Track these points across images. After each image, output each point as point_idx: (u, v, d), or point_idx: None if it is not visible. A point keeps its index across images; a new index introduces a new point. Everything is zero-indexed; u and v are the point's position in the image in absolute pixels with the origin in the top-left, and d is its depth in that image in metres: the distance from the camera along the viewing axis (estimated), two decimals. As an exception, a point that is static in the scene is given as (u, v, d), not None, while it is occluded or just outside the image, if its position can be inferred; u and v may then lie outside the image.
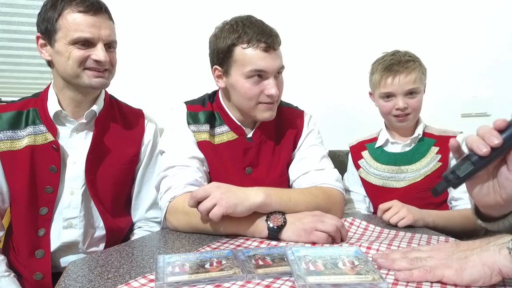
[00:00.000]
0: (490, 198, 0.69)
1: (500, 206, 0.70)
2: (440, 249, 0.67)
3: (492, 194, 0.68)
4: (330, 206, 0.97)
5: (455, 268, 0.60)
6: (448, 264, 0.61)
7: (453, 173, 0.67)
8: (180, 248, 0.84)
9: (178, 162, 1.02)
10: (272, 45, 1.00)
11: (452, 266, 0.60)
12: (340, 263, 0.67)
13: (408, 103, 1.23)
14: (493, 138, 0.63)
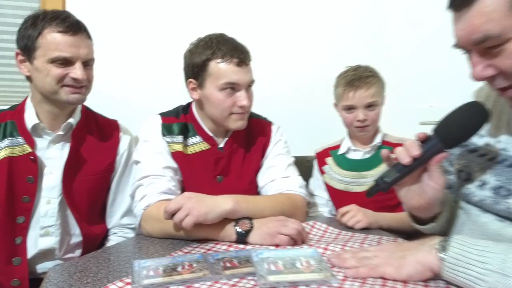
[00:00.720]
0: (415, 201, 0.81)
1: (424, 208, 0.82)
2: (384, 249, 0.77)
3: (416, 198, 0.80)
4: (293, 211, 1.06)
5: (395, 266, 0.70)
6: (389, 263, 0.71)
7: (382, 179, 0.78)
8: (154, 253, 0.90)
9: (152, 172, 1.08)
10: (244, 61, 1.09)
11: (393, 264, 0.70)
12: (298, 263, 0.76)
13: (368, 115, 1.34)
14: (414, 150, 0.74)
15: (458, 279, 0.64)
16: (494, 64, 0.69)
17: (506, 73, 0.69)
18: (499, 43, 0.66)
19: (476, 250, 0.64)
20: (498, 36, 0.65)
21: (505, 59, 0.67)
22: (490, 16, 0.65)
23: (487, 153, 0.82)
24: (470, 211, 0.83)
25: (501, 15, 0.64)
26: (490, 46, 0.67)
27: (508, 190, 0.75)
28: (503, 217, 0.75)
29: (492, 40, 0.66)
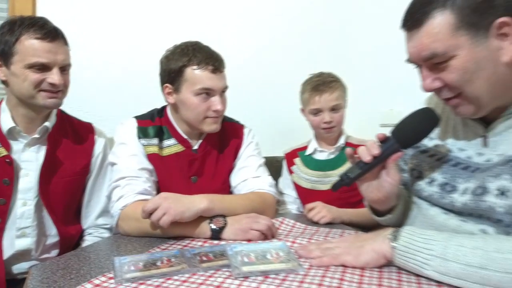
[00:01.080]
0: (374, 195, 0.91)
1: (381, 201, 0.93)
2: (345, 240, 0.86)
3: (375, 192, 0.91)
4: (264, 208, 1.14)
5: (353, 255, 0.79)
6: (349, 252, 0.80)
7: (346, 174, 0.88)
8: (133, 250, 0.95)
9: (129, 173, 1.13)
10: (218, 68, 1.16)
11: (352, 253, 0.79)
12: (268, 255, 0.84)
13: (333, 117, 1.44)
14: (374, 149, 0.84)
15: (408, 265, 0.74)
16: (440, 77, 0.79)
17: (450, 86, 0.79)
18: (444, 59, 0.76)
19: (422, 239, 0.74)
20: (443, 53, 0.75)
21: (450, 73, 0.77)
22: (436, 37, 0.75)
23: (436, 154, 0.93)
24: (421, 205, 0.94)
25: (445, 36, 0.74)
26: (437, 62, 0.77)
27: (452, 186, 0.86)
28: (448, 210, 0.86)
29: (438, 57, 0.76)
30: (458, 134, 0.90)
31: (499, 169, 0.76)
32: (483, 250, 0.69)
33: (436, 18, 0.74)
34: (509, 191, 0.74)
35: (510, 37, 0.73)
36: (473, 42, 0.74)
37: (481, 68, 0.75)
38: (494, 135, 0.82)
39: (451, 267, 0.69)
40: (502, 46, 0.74)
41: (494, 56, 0.74)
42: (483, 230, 0.78)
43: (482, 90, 0.76)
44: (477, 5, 0.72)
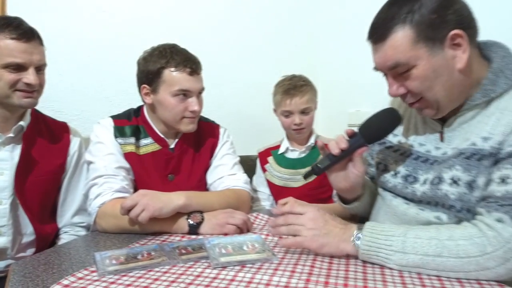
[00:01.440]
0: (342, 184, 1.00)
1: (348, 190, 1.02)
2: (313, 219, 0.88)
3: (343, 182, 0.99)
4: (239, 204, 1.19)
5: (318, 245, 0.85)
6: (314, 239, 0.86)
7: (317, 165, 0.95)
8: (112, 246, 0.98)
9: (106, 172, 1.15)
10: (195, 70, 1.20)
11: (317, 241, 0.86)
12: (244, 246, 0.89)
13: (303, 119, 1.51)
14: (342, 143, 0.92)
15: (372, 260, 0.82)
16: (404, 85, 0.88)
17: (413, 93, 0.88)
18: (406, 69, 0.85)
19: (383, 236, 0.82)
20: (405, 64, 0.84)
21: (412, 81, 0.86)
22: (398, 49, 0.83)
23: (400, 149, 1.02)
24: (386, 196, 1.02)
25: (406, 48, 0.83)
26: (400, 71, 0.86)
27: (414, 177, 0.95)
28: (409, 199, 0.95)
29: (401, 66, 0.85)
30: (418, 131, 1.00)
31: (452, 161, 0.86)
32: (438, 239, 0.77)
33: (398, 33, 0.83)
34: (460, 180, 0.83)
35: (462, 47, 0.82)
36: (431, 53, 0.82)
37: (439, 76, 0.84)
38: (449, 131, 0.92)
39: (411, 259, 0.77)
40: (456, 55, 0.83)
41: (450, 64, 0.83)
42: (437, 217, 0.87)
43: (440, 94, 0.86)
44: (432, 21, 0.81)
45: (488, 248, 0.73)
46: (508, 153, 0.78)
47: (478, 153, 0.82)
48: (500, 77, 0.84)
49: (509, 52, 0.87)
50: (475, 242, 0.74)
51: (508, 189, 0.76)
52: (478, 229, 0.76)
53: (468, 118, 0.88)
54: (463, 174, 0.83)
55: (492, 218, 0.76)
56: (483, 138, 0.82)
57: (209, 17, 2.05)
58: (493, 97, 0.84)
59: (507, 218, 0.74)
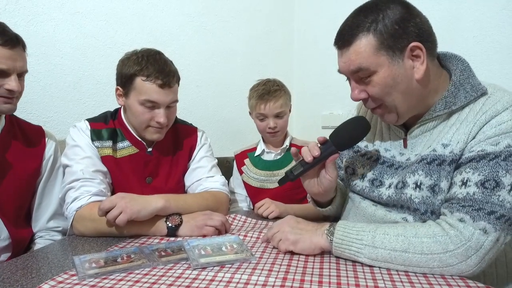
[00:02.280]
0: (315, 189, 1.04)
1: (321, 194, 1.06)
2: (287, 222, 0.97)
3: (316, 186, 1.04)
4: (217, 206, 1.22)
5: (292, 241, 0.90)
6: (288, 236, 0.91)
7: (291, 172, 0.99)
8: (90, 250, 0.98)
9: (83, 175, 1.14)
10: (168, 83, 1.18)
11: (290, 238, 0.91)
12: (223, 247, 0.92)
13: (277, 123, 1.55)
14: (315, 151, 0.97)
15: (344, 254, 0.87)
16: (365, 90, 0.93)
17: (373, 98, 0.94)
18: (368, 74, 0.90)
19: (354, 231, 0.87)
20: (367, 69, 0.90)
21: (372, 87, 0.92)
22: (362, 55, 0.89)
23: (367, 154, 1.08)
24: (355, 198, 1.08)
25: (368, 55, 0.88)
26: (362, 76, 0.92)
27: (380, 181, 1.00)
28: (376, 202, 1.01)
29: (363, 71, 0.90)
30: (384, 137, 1.06)
31: (415, 166, 0.92)
32: (404, 236, 0.83)
33: (362, 40, 0.88)
34: (423, 184, 0.89)
35: (421, 59, 0.88)
36: (391, 62, 0.88)
37: (398, 83, 0.90)
38: (412, 138, 0.98)
39: (380, 253, 0.82)
40: (415, 66, 0.89)
41: (409, 73, 0.89)
42: (404, 218, 0.93)
43: (399, 101, 0.92)
44: (394, 31, 0.87)
45: (450, 246, 0.79)
46: (467, 158, 0.84)
47: (439, 159, 0.88)
48: (460, 91, 0.90)
49: (468, 66, 0.94)
50: (438, 240, 0.80)
51: (468, 191, 0.82)
52: (441, 228, 0.82)
53: (430, 127, 0.94)
54: (426, 179, 0.89)
55: (454, 218, 0.81)
56: (443, 144, 0.89)
57: (187, 18, 2.06)
58: (454, 109, 0.91)
59: (468, 218, 0.80)
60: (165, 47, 1.90)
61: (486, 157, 0.82)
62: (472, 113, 0.88)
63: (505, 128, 0.82)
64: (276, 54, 2.35)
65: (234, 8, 2.19)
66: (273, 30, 2.34)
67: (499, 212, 0.78)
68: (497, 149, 0.81)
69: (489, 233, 0.78)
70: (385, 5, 0.88)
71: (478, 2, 1.55)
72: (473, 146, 0.85)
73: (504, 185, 0.79)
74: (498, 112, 0.84)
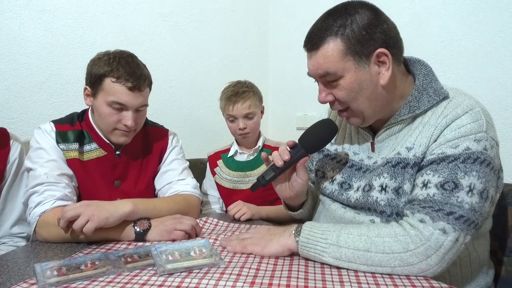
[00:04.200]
0: (287, 193, 1.05)
1: (293, 198, 1.07)
2: (259, 231, 0.98)
3: (288, 190, 1.04)
4: (188, 209, 1.20)
5: (261, 246, 0.91)
6: (258, 243, 0.91)
7: (262, 177, 0.99)
8: (54, 256, 0.95)
9: (47, 179, 1.10)
10: (138, 86, 1.15)
11: (260, 244, 0.91)
12: (192, 252, 0.90)
13: (247, 124, 1.55)
14: (284, 155, 0.97)
15: (310, 254, 0.87)
16: (332, 93, 0.94)
17: (340, 101, 0.95)
18: (335, 78, 0.91)
19: (320, 231, 0.87)
20: (334, 73, 0.91)
21: (339, 91, 0.93)
22: (329, 59, 0.90)
23: (336, 157, 1.09)
24: (325, 201, 1.09)
25: (335, 59, 0.89)
26: (330, 80, 0.93)
27: (348, 184, 1.01)
28: (345, 204, 1.02)
29: (330, 75, 0.91)
30: (352, 141, 1.07)
31: (381, 169, 0.93)
32: (367, 236, 0.84)
33: (329, 44, 0.89)
34: (388, 187, 0.91)
35: (386, 65, 0.90)
36: (358, 67, 0.89)
37: (364, 88, 0.91)
38: (379, 141, 0.99)
39: (343, 252, 0.83)
40: (380, 72, 0.91)
41: (374, 79, 0.91)
42: (372, 220, 0.95)
43: (364, 105, 0.93)
44: (360, 37, 0.88)
45: (410, 246, 0.80)
46: (428, 160, 0.87)
47: (403, 162, 0.90)
48: (423, 95, 0.93)
49: (431, 70, 0.96)
50: (399, 239, 0.81)
51: (429, 192, 0.84)
52: (402, 228, 0.83)
53: (396, 131, 0.96)
54: (391, 181, 0.90)
55: (415, 219, 0.83)
56: (407, 148, 0.91)
57: (160, 18, 2.03)
58: (417, 113, 0.93)
59: (427, 218, 0.81)
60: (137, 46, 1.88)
61: (446, 160, 0.84)
62: (434, 116, 0.90)
63: (464, 132, 0.84)
64: (251, 55, 2.35)
65: (209, 8, 2.17)
66: (248, 30, 2.33)
67: (458, 212, 0.80)
68: (456, 152, 0.84)
69: (448, 233, 0.79)
70: (354, 10, 0.89)
71: (446, 7, 1.59)
72: (434, 149, 0.87)
73: (462, 187, 0.81)
74: (458, 115, 0.86)
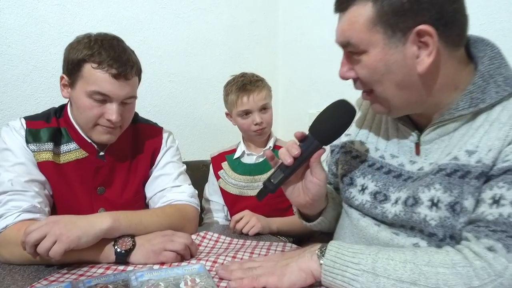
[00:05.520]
0: (301, 198, 0.83)
1: (309, 204, 0.85)
2: (269, 259, 0.77)
3: (302, 195, 0.83)
4: (183, 223, 1.00)
5: (277, 275, 0.70)
6: (272, 272, 0.71)
7: (269, 180, 0.78)
8: (11, 284, 0.76)
9: (12, 187, 0.91)
10: (124, 74, 0.97)
11: (275, 273, 0.70)
12: (182, 283, 0.70)
13: (263, 117, 1.35)
14: (294, 150, 0.76)
15: (336, 283, 0.67)
16: (354, 69, 0.75)
17: (361, 80, 0.75)
18: (357, 51, 0.72)
19: (350, 253, 0.67)
20: (356, 45, 0.71)
21: (361, 68, 0.73)
22: (353, 26, 0.71)
23: (368, 160, 0.87)
24: (352, 215, 0.87)
25: (361, 28, 0.70)
26: (352, 51, 0.73)
27: (384, 195, 0.80)
28: (380, 221, 0.81)
29: (352, 47, 0.72)
30: (389, 140, 0.86)
31: (430, 178, 0.72)
32: (414, 264, 0.64)
33: (358, 7, 0.70)
34: (441, 202, 0.70)
35: (430, 48, 0.68)
36: (388, 43, 0.69)
37: (392, 72, 0.71)
38: (426, 142, 0.78)
39: (381, 283, 0.64)
40: (419, 55, 0.69)
41: (409, 63, 0.70)
42: (416, 244, 0.73)
43: (391, 93, 0.73)
44: (399, 6, 0.67)
45: (474, 281, 0.60)
46: (501, 169, 0.65)
47: (462, 170, 0.69)
48: (490, 84, 0.71)
49: (499, 52, 0.74)
50: (458, 272, 0.62)
51: (502, 211, 0.63)
52: (463, 257, 0.63)
53: (450, 130, 0.75)
54: (444, 195, 0.69)
55: (481, 246, 0.63)
56: (467, 151, 0.69)
57: (158, 5, 1.84)
58: (481, 108, 0.71)
59: (500, 246, 0.61)
60: (132, 36, 1.69)
61: None
62: (506, 112, 0.69)
63: None
64: (259, 47, 2.14)
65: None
66: (256, 19, 2.12)
67: None
68: None
69: None
70: None
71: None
72: (508, 154, 0.65)
73: None
74: None
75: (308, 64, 2.06)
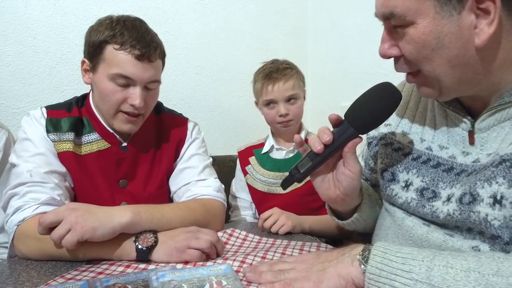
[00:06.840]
0: (331, 192, 0.75)
1: (341, 200, 0.76)
2: (303, 260, 0.67)
3: (332, 188, 0.74)
4: (209, 219, 0.93)
5: (313, 281, 0.61)
6: (307, 277, 0.62)
7: (296, 169, 0.70)
8: (26, 282, 0.71)
9: (31, 178, 0.87)
10: (147, 55, 0.91)
11: (311, 278, 0.61)
12: (207, 286, 0.63)
13: (289, 109, 1.26)
14: (325, 136, 0.68)
15: None
16: (399, 46, 0.65)
17: (406, 60, 0.66)
18: (403, 23, 0.62)
19: (399, 258, 0.57)
20: (402, 16, 0.62)
21: (407, 43, 0.63)
22: None
23: (412, 152, 0.76)
24: (395, 213, 0.77)
25: None
26: (396, 25, 0.64)
27: (433, 192, 0.70)
28: (428, 221, 0.70)
29: (396, 18, 0.63)
30: (437, 128, 0.75)
31: (491, 171, 0.61)
32: (479, 273, 0.53)
33: None
34: (505, 199, 0.58)
35: (491, 16, 0.58)
36: (440, 12, 0.59)
37: (444, 46, 0.61)
38: (482, 130, 0.67)
39: None
40: (478, 25, 0.59)
41: (465, 34, 0.59)
42: (475, 247, 0.62)
43: (443, 71, 0.63)
44: None
45: None
46: None
47: None
48: None
49: None
50: None
51: None
52: None
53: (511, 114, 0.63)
54: (509, 190, 0.58)
55: None
56: None
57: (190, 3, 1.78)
58: None
59: None
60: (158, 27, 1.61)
61: None
62: None
63: None
64: (287, 37, 2.05)
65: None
66: (284, 9, 2.04)
67: None
68: None
69: None
70: None
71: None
72: None
73: None
74: None
75: (340, 54, 1.95)
